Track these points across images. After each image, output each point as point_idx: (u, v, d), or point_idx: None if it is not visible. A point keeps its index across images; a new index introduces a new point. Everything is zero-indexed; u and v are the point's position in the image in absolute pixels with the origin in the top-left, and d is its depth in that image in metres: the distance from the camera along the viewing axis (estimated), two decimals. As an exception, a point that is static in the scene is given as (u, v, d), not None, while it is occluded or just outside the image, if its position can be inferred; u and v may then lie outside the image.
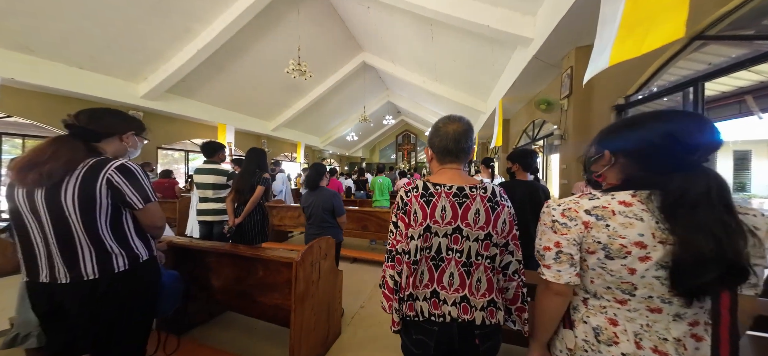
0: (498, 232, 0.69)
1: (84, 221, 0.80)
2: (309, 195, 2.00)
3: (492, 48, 3.61)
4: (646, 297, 0.51)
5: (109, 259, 0.83)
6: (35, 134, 3.95)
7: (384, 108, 9.92)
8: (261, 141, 7.62)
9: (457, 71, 4.81)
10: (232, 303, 1.66)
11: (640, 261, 0.50)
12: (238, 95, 5.66)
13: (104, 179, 0.82)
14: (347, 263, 3.20)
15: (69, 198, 0.79)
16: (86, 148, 0.84)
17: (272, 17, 4.20)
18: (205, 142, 2.27)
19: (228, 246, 1.70)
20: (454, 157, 0.74)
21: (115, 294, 0.83)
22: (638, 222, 0.50)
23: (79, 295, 0.81)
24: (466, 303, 0.70)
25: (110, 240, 0.84)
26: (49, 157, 0.78)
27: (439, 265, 0.71)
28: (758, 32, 1.46)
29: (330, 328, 1.69)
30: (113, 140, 0.92)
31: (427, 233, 0.70)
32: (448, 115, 0.78)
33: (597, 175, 0.61)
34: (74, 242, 0.80)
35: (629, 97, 2.11)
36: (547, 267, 0.58)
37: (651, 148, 0.52)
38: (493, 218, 0.69)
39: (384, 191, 4.33)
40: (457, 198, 0.69)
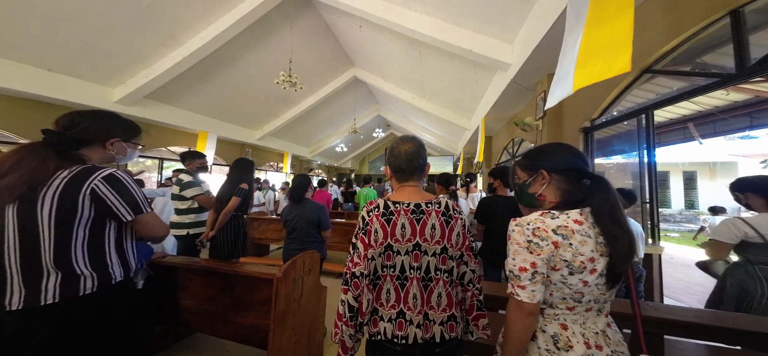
0: (452, 245, 0.71)
1: (57, 236, 0.72)
2: (292, 208, 1.93)
3: (475, 70, 3.88)
4: (587, 301, 0.59)
5: (75, 281, 0.73)
6: (-16, 136, 3.55)
7: (374, 121, 10.10)
8: (245, 150, 7.38)
9: (444, 90, 5.07)
10: (202, 324, 1.51)
11: (590, 274, 0.56)
12: (224, 103, 5.52)
13: (88, 189, 0.74)
14: (332, 278, 3.07)
15: (46, 212, 0.71)
16: (58, 157, 0.76)
17: (265, 29, 4.24)
18: (186, 150, 2.17)
19: (203, 262, 1.59)
20: (408, 174, 0.77)
21: (74, 320, 0.73)
22: (588, 239, 0.57)
23: (32, 322, 0.70)
24: (427, 321, 0.70)
25: (82, 258, 0.75)
26: (9, 168, 0.71)
27: (404, 284, 0.71)
28: (693, 68, 1.72)
29: (311, 350, 1.59)
30: (96, 147, 0.84)
31: (389, 252, 0.70)
32: (403, 135, 0.82)
33: (539, 195, 0.67)
34: (39, 262, 0.71)
35: (594, 121, 2.34)
36: (521, 287, 0.57)
37: (571, 166, 0.65)
38: (448, 231, 0.71)
39: None
40: (415, 215, 0.72)
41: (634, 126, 2.04)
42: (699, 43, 1.60)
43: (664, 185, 8.89)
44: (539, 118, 2.94)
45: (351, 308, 0.69)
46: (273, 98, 6.03)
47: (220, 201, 1.92)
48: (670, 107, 1.87)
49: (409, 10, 3.31)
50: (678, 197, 9.03)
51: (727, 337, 0.91)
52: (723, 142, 7.40)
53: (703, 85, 1.54)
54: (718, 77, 1.47)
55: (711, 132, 2.69)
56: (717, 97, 2.44)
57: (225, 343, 1.67)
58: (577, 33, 1.32)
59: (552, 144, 0.71)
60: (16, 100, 3.49)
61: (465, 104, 5.15)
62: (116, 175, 0.80)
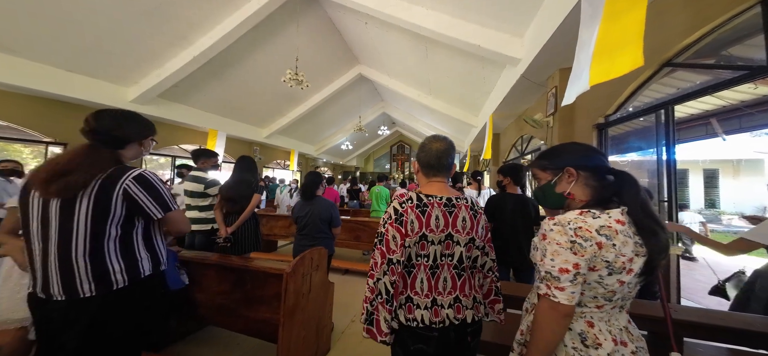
0: (479, 236, 0.80)
1: (92, 233, 0.76)
2: (304, 205, 1.95)
3: (483, 66, 3.80)
4: (616, 300, 0.59)
5: (108, 276, 0.78)
6: (8, 136, 3.74)
7: (379, 118, 10.08)
8: (253, 148, 7.51)
9: (450, 87, 5.00)
10: (215, 317, 1.56)
11: (627, 274, 0.56)
12: (232, 102, 5.62)
13: (121, 189, 0.79)
14: (338, 275, 3.11)
15: (83, 209, 0.75)
16: (111, 158, 0.83)
17: (271, 28, 4.28)
18: (196, 148, 2.22)
19: (215, 257, 1.63)
20: (437, 171, 0.82)
21: (108, 313, 0.78)
22: (629, 239, 0.56)
23: (72, 313, 0.75)
24: (459, 304, 0.76)
25: (115, 254, 0.80)
26: (77, 166, 0.76)
27: (436, 272, 0.76)
28: (718, 61, 1.63)
29: (319, 344, 1.62)
30: (133, 146, 0.91)
31: (424, 241, 0.75)
32: (435, 134, 0.88)
33: (567, 194, 0.66)
34: (72, 256, 0.75)
35: (609, 117, 2.25)
36: (560, 289, 0.55)
37: (597, 162, 0.65)
38: (476, 224, 0.80)
39: (381, 201, 4.32)
40: (447, 208, 0.78)
41: (651, 122, 1.95)
42: (724, 34, 1.51)
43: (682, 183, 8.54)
44: (550, 114, 2.86)
45: (388, 291, 0.71)
46: (280, 96, 6.10)
47: (233, 199, 1.96)
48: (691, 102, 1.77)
49: (415, 5, 3.26)
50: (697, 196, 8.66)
51: (753, 341, 0.88)
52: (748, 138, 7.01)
53: (729, 78, 1.46)
54: (747, 70, 1.39)
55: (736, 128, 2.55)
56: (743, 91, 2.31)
57: (236, 336, 1.71)
58: (593, 27, 1.28)
59: (568, 143, 0.71)
60: (39, 100, 3.66)
61: (472, 101, 5.06)
62: (145, 174, 0.85)
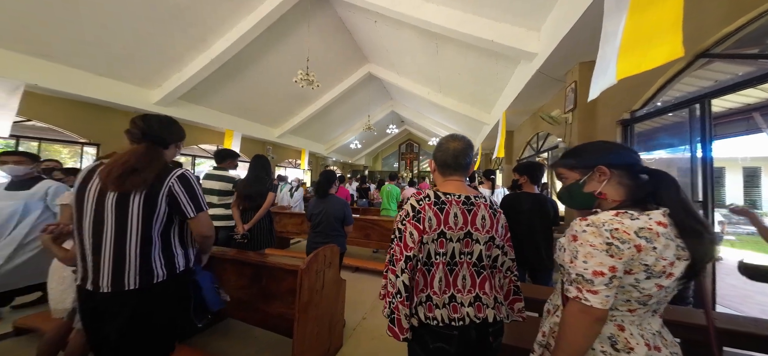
0: (499, 235, 0.80)
1: (143, 229, 0.82)
2: (318, 203, 1.99)
3: (496, 62, 3.68)
4: (651, 304, 0.56)
5: (151, 269, 0.83)
6: (51, 138, 4.08)
7: (388, 117, 10.06)
8: (266, 147, 7.74)
9: (461, 84, 4.90)
10: (233, 311, 1.63)
11: (667, 278, 0.53)
12: (246, 103, 5.81)
13: (166, 188, 0.85)
14: (349, 272, 3.15)
15: (135, 206, 0.81)
16: (162, 157, 0.90)
17: (283, 29, 4.37)
18: (218, 148, 2.32)
19: (233, 252, 1.70)
20: (454, 170, 0.82)
21: (148, 305, 0.83)
22: (671, 242, 0.53)
23: (116, 305, 0.81)
24: (479, 302, 0.75)
25: (158, 249, 0.85)
26: (147, 164, 0.83)
27: (454, 269, 0.76)
28: (763, 51, 1.48)
29: (331, 340, 1.65)
30: (172, 147, 0.98)
31: (442, 239, 0.74)
32: (452, 133, 0.87)
33: (598, 193, 0.63)
34: (126, 251, 0.81)
35: (635, 112, 2.12)
36: (593, 292, 0.52)
37: (630, 160, 0.61)
38: (495, 223, 0.79)
39: (392, 200, 4.33)
40: (466, 206, 0.78)
41: (682, 117, 1.81)
42: None
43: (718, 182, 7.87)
44: (569, 110, 2.73)
45: (406, 288, 0.72)
46: (291, 97, 6.23)
47: (250, 196, 2.04)
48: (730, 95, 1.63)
49: (426, 2, 3.21)
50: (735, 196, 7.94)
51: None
52: (796, 134, 6.30)
53: (776, 68, 1.32)
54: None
55: (782, 122, 2.31)
56: (792, 82, 2.08)
57: (254, 329, 1.79)
58: (619, 18, 1.20)
59: (598, 141, 0.68)
60: (74, 103, 3.96)
61: (484, 98, 4.93)
62: (186, 174, 0.90)
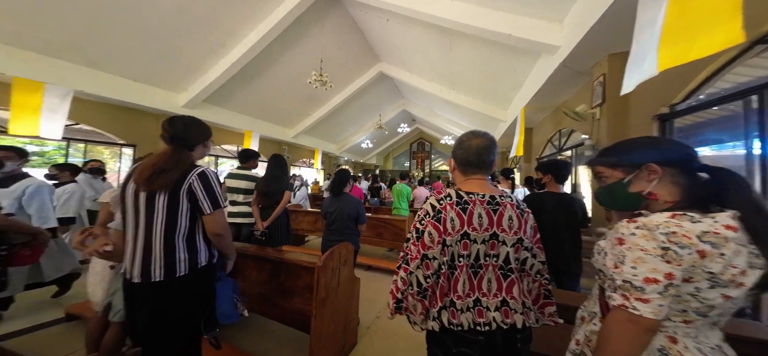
0: (527, 237, 0.75)
1: (167, 224, 0.88)
2: (333, 201, 2.01)
3: (513, 57, 3.53)
4: (713, 315, 0.50)
5: (174, 263, 0.89)
6: (95, 140, 4.50)
7: (399, 116, 10.01)
8: (282, 147, 8.00)
9: (476, 80, 4.75)
10: (253, 305, 1.70)
11: (736, 288, 0.47)
12: (264, 104, 6.04)
13: (187, 185, 0.90)
14: (361, 270, 3.18)
15: (161, 203, 0.88)
16: (189, 158, 0.96)
17: (298, 31, 4.47)
18: (242, 149, 2.43)
19: (254, 249, 1.78)
20: (477, 168, 0.78)
21: (171, 296, 0.89)
22: (743, 248, 0.47)
23: (143, 294, 0.89)
24: (506, 307, 0.71)
25: (181, 243, 0.91)
26: (174, 165, 0.90)
27: (478, 272, 0.72)
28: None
29: (347, 338, 1.67)
30: (200, 147, 1.03)
31: (466, 240, 0.71)
32: (473, 130, 0.82)
33: (647, 194, 0.57)
34: (152, 244, 0.88)
35: (675, 106, 1.93)
36: (644, 301, 0.48)
37: (686, 156, 0.55)
38: (523, 223, 0.75)
39: (402, 198, 4.31)
40: (491, 206, 0.74)
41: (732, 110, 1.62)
42: None
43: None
44: (596, 105, 2.55)
45: (420, 284, 0.70)
46: (305, 98, 6.39)
47: (268, 194, 2.12)
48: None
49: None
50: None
51: None
52: None
53: None
54: None
55: None
56: None
57: (272, 323, 1.84)
58: (658, 4, 1.09)
59: (644, 136, 0.62)
60: (114, 107, 4.33)
61: (500, 94, 4.75)
62: (206, 172, 0.95)
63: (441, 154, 13.75)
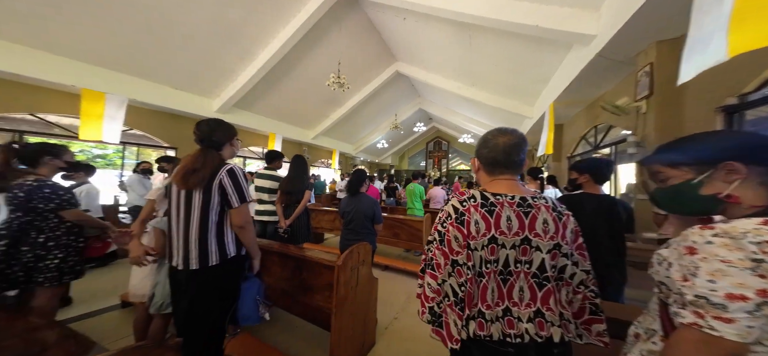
0: (567, 242, 0.68)
1: (201, 217, 0.98)
2: (350, 201, 2.05)
3: (540, 49, 3.28)
4: None
5: (207, 254, 0.98)
6: (145, 143, 5.10)
7: (415, 115, 9.89)
8: (302, 148, 8.35)
9: (498, 76, 4.51)
10: (278, 300, 1.79)
11: None
12: (286, 107, 6.35)
13: (218, 181, 0.99)
14: (378, 270, 3.19)
15: (196, 198, 0.98)
16: (217, 157, 1.05)
17: (318, 34, 4.59)
18: (267, 150, 2.58)
19: (278, 246, 1.87)
20: (504, 168, 0.73)
21: (206, 283, 0.99)
22: None
23: (185, 282, 0.99)
24: (541, 318, 0.64)
25: (213, 236, 1.00)
26: (202, 165, 1.00)
27: (508, 279, 0.67)
28: None
29: (365, 338, 1.69)
30: (227, 146, 1.12)
31: (494, 245, 0.66)
32: (499, 127, 0.76)
33: (725, 196, 0.48)
34: (189, 236, 0.98)
35: (746, 96, 1.64)
36: (726, 321, 0.41)
37: None
38: (561, 227, 0.68)
39: (416, 198, 4.26)
40: (522, 208, 0.68)
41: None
42: None
43: None
44: (642, 97, 2.28)
45: (456, 294, 0.66)
46: (324, 99, 6.58)
47: (291, 193, 2.22)
48: None
49: (460, -9, 3.03)
50: None
51: None
52: None
53: None
54: None
55: None
56: None
57: (295, 319, 1.90)
58: None
59: (718, 130, 0.54)
60: (159, 113, 4.84)
61: (525, 89, 4.46)
62: (234, 169, 1.03)
63: (459, 153, 13.32)
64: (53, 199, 1.39)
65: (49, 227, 1.40)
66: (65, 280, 1.46)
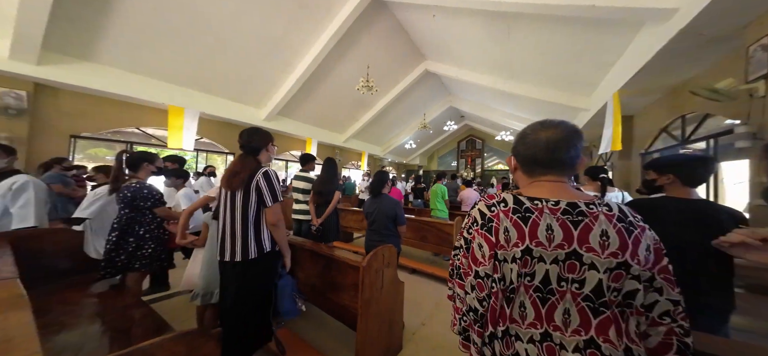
0: (640, 261, 0.54)
1: (242, 215, 1.13)
2: (372, 202, 2.07)
3: (598, 32, 2.78)
4: None
5: (247, 248, 1.12)
6: (212, 150, 6.12)
7: (445, 113, 9.49)
8: (335, 151, 8.84)
9: (543, 65, 3.99)
10: (310, 295, 1.89)
11: None
12: (320, 113, 6.81)
13: (255, 182, 1.13)
14: (406, 273, 3.15)
15: (238, 198, 1.14)
16: (254, 161, 1.21)
17: (348, 42, 4.80)
18: (302, 154, 2.83)
19: (310, 244, 2.00)
20: (548, 168, 0.62)
21: (247, 274, 1.12)
22: None
23: (231, 273, 1.14)
24: (595, 350, 0.52)
25: (252, 232, 1.13)
26: (241, 169, 1.17)
27: (548, 299, 0.56)
28: None
29: (391, 341, 1.68)
30: (263, 152, 1.27)
31: (528, 257, 0.57)
32: (542, 120, 0.64)
33: None
34: (235, 231, 1.13)
35: None
36: None
37: None
38: (631, 242, 0.54)
39: (438, 199, 4.07)
40: (569, 216, 0.56)
41: None
42: None
43: None
44: (758, 78, 1.72)
45: (476, 310, 0.60)
46: (354, 103, 6.84)
47: (322, 193, 2.37)
48: None
49: (497, -23, 2.79)
50: None
51: None
52: None
53: None
54: None
55: None
56: None
57: (325, 316, 1.96)
58: None
59: None
60: (220, 122, 5.72)
61: (580, 79, 3.84)
62: (269, 171, 1.17)
63: (496, 152, 12.27)
64: (149, 198, 1.74)
65: (146, 221, 1.75)
66: (154, 267, 1.80)
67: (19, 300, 0.83)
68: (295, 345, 1.65)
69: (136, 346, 0.66)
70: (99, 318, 1.42)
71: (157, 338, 0.69)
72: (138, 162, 1.80)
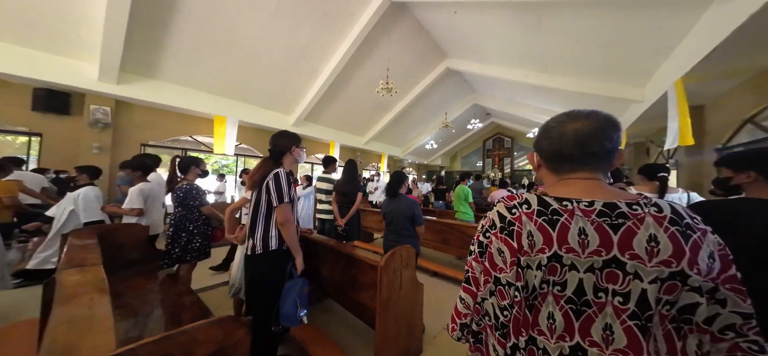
0: (700, 270, 0.45)
1: (253, 213, 1.25)
2: (389, 202, 2.08)
3: (652, 13, 2.41)
4: None
5: (268, 240, 1.23)
6: (248, 154, 6.78)
7: (469, 112, 9.06)
8: (355, 153, 9.08)
9: (582, 55, 3.58)
10: (332, 292, 1.96)
11: None
12: (342, 116, 7.06)
13: (266, 183, 1.23)
14: (427, 276, 3.08)
15: (254, 197, 1.27)
16: (272, 164, 1.30)
17: (369, 46, 4.90)
18: (324, 156, 2.99)
19: (333, 242, 2.08)
20: (577, 164, 0.55)
21: (259, 266, 1.22)
22: None
23: (252, 264, 1.26)
24: None
25: (262, 229, 1.24)
26: (258, 169, 1.31)
27: (583, 311, 0.50)
28: None
29: (411, 343, 1.66)
30: (287, 155, 1.35)
31: (556, 264, 0.51)
32: (568, 111, 0.56)
33: None
34: (256, 226, 1.25)
35: None
36: None
37: None
38: (689, 249, 0.45)
39: (461, 201, 3.88)
40: (607, 219, 0.49)
41: None
42: None
43: None
44: None
45: (497, 317, 0.56)
46: (374, 106, 6.95)
47: (346, 193, 2.47)
48: None
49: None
50: None
51: None
52: None
53: None
54: None
55: None
56: None
57: (347, 313, 2.02)
58: None
59: None
60: (255, 129, 6.27)
61: (629, 67, 3.37)
62: (279, 173, 1.24)
63: (527, 150, 11.34)
64: (197, 198, 2.03)
65: (194, 218, 2.03)
66: (202, 258, 2.08)
67: (102, 284, 1.01)
68: (316, 338, 1.73)
69: (181, 328, 0.77)
70: (159, 303, 1.67)
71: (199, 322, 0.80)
72: (188, 166, 2.09)
